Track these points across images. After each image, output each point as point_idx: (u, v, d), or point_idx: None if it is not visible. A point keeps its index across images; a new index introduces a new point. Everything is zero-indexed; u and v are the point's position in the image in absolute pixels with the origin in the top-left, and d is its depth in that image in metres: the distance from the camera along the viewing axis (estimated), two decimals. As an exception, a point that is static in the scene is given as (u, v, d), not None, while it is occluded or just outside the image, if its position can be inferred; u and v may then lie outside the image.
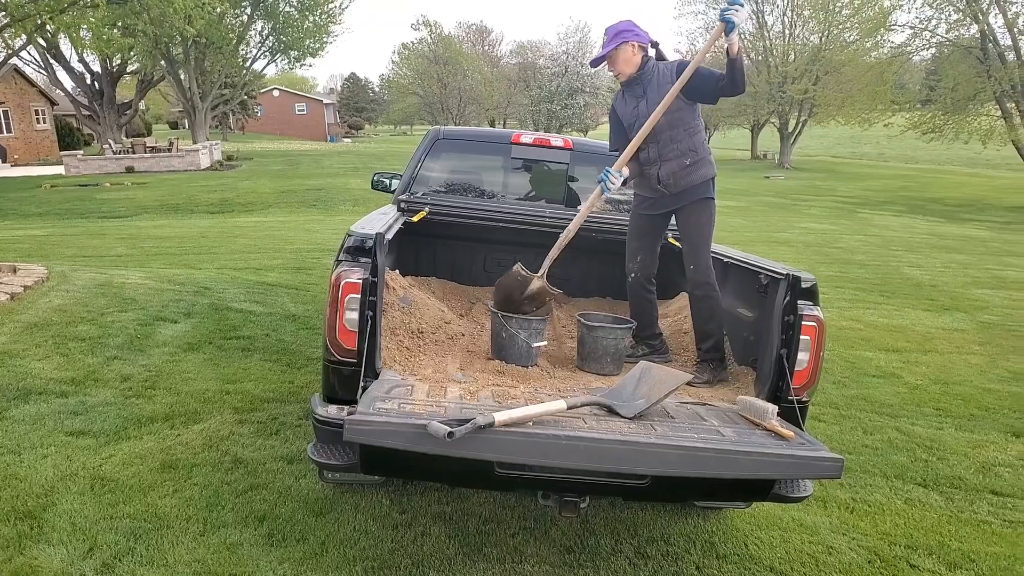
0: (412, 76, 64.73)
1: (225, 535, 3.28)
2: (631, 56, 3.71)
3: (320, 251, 11.00)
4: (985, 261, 12.78)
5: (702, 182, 3.71)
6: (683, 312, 4.28)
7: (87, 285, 7.36)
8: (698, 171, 3.70)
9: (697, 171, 3.70)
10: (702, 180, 3.71)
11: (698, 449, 2.46)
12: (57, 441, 4.08)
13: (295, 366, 5.50)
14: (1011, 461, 4.58)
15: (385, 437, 2.37)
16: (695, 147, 3.70)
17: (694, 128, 3.72)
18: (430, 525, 3.48)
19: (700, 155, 3.71)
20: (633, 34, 3.69)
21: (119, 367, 5.25)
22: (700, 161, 3.70)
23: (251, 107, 57.13)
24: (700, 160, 3.70)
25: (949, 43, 25.26)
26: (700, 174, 3.70)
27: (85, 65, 31.94)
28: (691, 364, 3.81)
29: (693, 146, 3.69)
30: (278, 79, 69.15)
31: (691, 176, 3.70)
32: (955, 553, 3.52)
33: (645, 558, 3.35)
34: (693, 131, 3.71)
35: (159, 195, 20.26)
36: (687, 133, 3.69)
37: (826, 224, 17.80)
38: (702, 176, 3.71)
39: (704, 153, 3.73)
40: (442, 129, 5.19)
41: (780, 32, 41.14)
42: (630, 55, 3.70)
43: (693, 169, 3.69)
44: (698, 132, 3.74)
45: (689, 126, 3.70)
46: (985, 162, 42.61)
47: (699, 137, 3.74)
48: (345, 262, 2.99)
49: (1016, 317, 8.44)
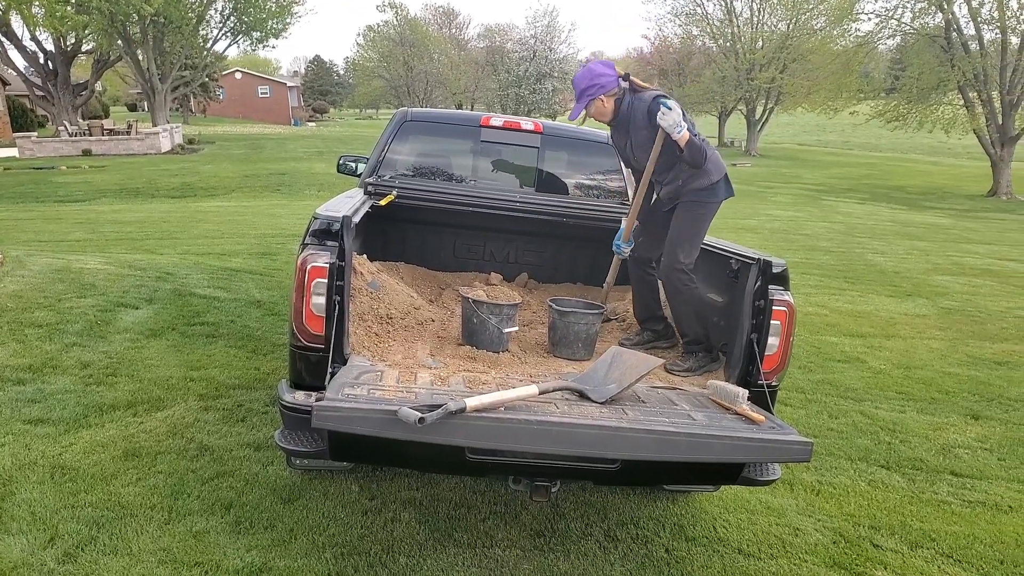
0: (377, 59, 63.87)
1: (191, 523, 3.22)
2: (603, 108, 3.63)
3: (284, 236, 10.84)
4: (946, 248, 13.06)
5: (699, 189, 3.62)
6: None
7: (44, 270, 7.16)
8: (693, 183, 3.61)
9: (692, 183, 3.61)
10: (699, 188, 3.62)
11: (669, 433, 2.46)
12: (15, 430, 3.97)
13: (261, 352, 5.42)
14: (970, 443, 4.69)
15: (354, 423, 2.33)
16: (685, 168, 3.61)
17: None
18: (400, 511, 3.45)
19: (692, 171, 3.60)
20: (598, 87, 3.57)
21: (78, 354, 5.12)
22: (694, 175, 3.60)
23: (213, 89, 55.93)
24: (694, 174, 3.60)
25: (914, 32, 25.58)
26: (696, 184, 3.61)
27: (38, 43, 30.86)
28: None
29: (684, 168, 3.60)
30: (240, 61, 67.86)
31: (686, 187, 3.62)
32: (916, 533, 3.60)
33: (615, 541, 3.37)
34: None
35: (118, 179, 19.79)
36: (676, 158, 3.60)
37: (791, 211, 18.03)
38: (701, 185, 3.61)
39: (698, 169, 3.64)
40: (410, 111, 5.10)
41: (748, 19, 41.35)
42: (601, 107, 3.63)
43: (688, 183, 3.61)
44: None
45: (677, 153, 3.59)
46: (947, 151, 43.50)
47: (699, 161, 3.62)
48: (311, 246, 2.94)
49: (975, 303, 8.65)
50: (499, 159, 5.12)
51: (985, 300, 8.83)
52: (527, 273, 5.11)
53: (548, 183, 5.05)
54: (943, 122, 25.30)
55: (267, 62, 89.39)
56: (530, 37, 60.87)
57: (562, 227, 4.75)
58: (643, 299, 3.94)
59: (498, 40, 68.42)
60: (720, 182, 3.63)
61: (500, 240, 5.11)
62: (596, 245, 4.83)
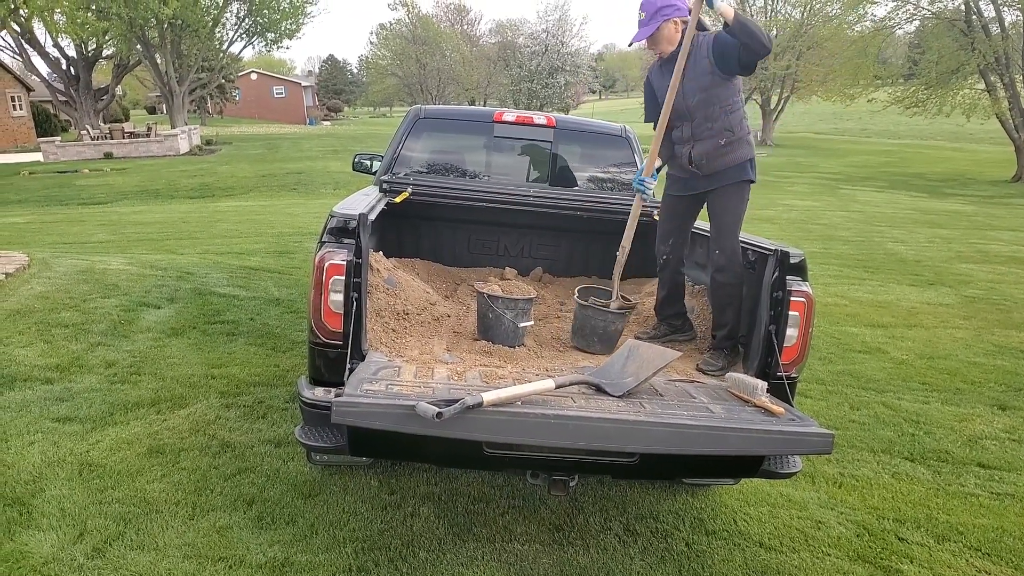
0: (390, 57, 64.15)
1: (214, 519, 3.26)
2: (672, 34, 3.45)
3: (302, 235, 10.91)
4: (969, 235, 12.88)
5: (737, 164, 3.49)
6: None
7: (69, 272, 7.26)
8: (734, 152, 3.48)
9: (733, 152, 3.48)
10: (738, 162, 3.49)
11: (688, 426, 2.45)
12: (44, 428, 4.04)
13: (280, 350, 5.46)
14: (997, 434, 4.63)
15: (373, 418, 2.34)
16: (731, 126, 3.46)
17: (731, 106, 3.48)
18: (419, 505, 3.47)
19: (737, 135, 3.47)
20: (674, 9, 3.40)
21: (103, 353, 5.19)
22: (737, 142, 3.47)
23: (229, 91, 56.36)
24: (737, 140, 3.47)
25: (932, 16, 25.22)
26: (736, 155, 3.48)
27: (60, 50, 31.35)
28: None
29: (729, 125, 3.46)
30: (256, 62, 68.31)
31: (726, 157, 3.48)
32: (943, 526, 3.55)
33: (634, 535, 3.36)
34: (730, 109, 3.47)
35: (138, 180, 20.01)
36: (723, 111, 3.46)
37: (809, 201, 17.86)
38: (738, 158, 3.48)
39: (742, 133, 3.50)
40: (424, 108, 5.11)
41: (762, 7, 40.95)
42: (672, 33, 3.45)
43: (729, 150, 3.47)
44: (736, 110, 3.49)
45: (726, 103, 3.47)
46: (968, 136, 42.81)
47: (736, 115, 3.49)
48: (329, 243, 2.96)
49: (1000, 291, 8.52)
50: (512, 154, 5.12)
51: (1011, 288, 8.69)
52: (542, 267, 5.11)
53: (562, 177, 5.05)
54: (964, 107, 24.91)
55: (282, 63, 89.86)
56: (542, 31, 60.73)
57: (576, 221, 4.74)
58: (671, 297, 3.82)
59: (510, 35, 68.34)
60: (754, 160, 3.53)
61: (514, 235, 5.11)
62: (610, 238, 4.81)
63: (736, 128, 3.48)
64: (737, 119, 3.50)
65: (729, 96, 3.48)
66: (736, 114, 3.50)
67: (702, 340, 3.78)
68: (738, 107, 3.52)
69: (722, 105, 3.47)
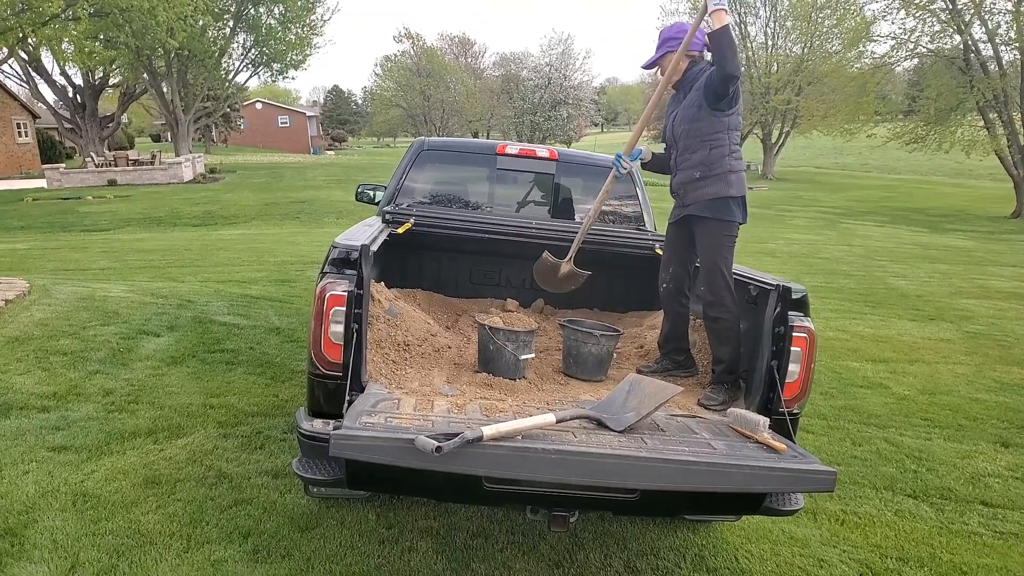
0: (395, 88, 64.87)
1: (209, 551, 3.22)
2: (677, 64, 3.62)
3: (304, 263, 10.93)
4: (969, 271, 12.89)
5: (710, 200, 3.52)
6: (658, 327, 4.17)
7: (69, 299, 7.26)
8: (708, 187, 3.51)
9: (707, 187, 3.51)
10: (710, 198, 3.52)
11: (690, 463, 2.43)
12: (39, 457, 4.01)
13: (279, 379, 5.44)
14: (1000, 472, 4.59)
15: (372, 452, 2.32)
16: (709, 162, 3.50)
17: (714, 141, 3.51)
18: (417, 540, 3.43)
19: (713, 171, 3.50)
20: (678, 42, 3.58)
21: (101, 381, 5.17)
22: (712, 178, 3.50)
23: (234, 120, 56.87)
24: (712, 177, 3.50)
25: (931, 54, 25.52)
26: (709, 191, 3.51)
27: (67, 78, 31.69)
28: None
29: (707, 160, 3.51)
30: (261, 92, 68.99)
31: (699, 191, 3.53)
32: (946, 565, 3.51)
33: (635, 572, 3.32)
34: (713, 144, 3.51)
35: (142, 208, 20.10)
36: (704, 145, 3.52)
37: (810, 235, 17.91)
38: (711, 194, 3.51)
39: (719, 170, 3.50)
40: (427, 140, 5.18)
41: (763, 43, 41.49)
42: (675, 63, 3.62)
43: (702, 184, 3.52)
44: (719, 147, 3.51)
45: (709, 138, 3.51)
46: (968, 172, 43.06)
47: (718, 152, 3.51)
48: (330, 274, 2.96)
49: (1002, 327, 8.50)
50: (515, 186, 5.15)
51: (1012, 324, 8.67)
52: (543, 299, 5.10)
53: (563, 209, 5.07)
54: (963, 143, 25.11)
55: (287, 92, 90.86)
56: (545, 65, 61.47)
57: (578, 253, 4.74)
58: (674, 329, 3.83)
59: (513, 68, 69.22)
60: (738, 199, 3.54)
61: (516, 266, 5.11)
62: (613, 270, 4.82)
63: (713, 164, 3.51)
64: (718, 155, 3.51)
65: (714, 131, 3.52)
66: (718, 151, 3.51)
67: (704, 375, 3.76)
68: (722, 144, 3.52)
69: (704, 138, 3.53)
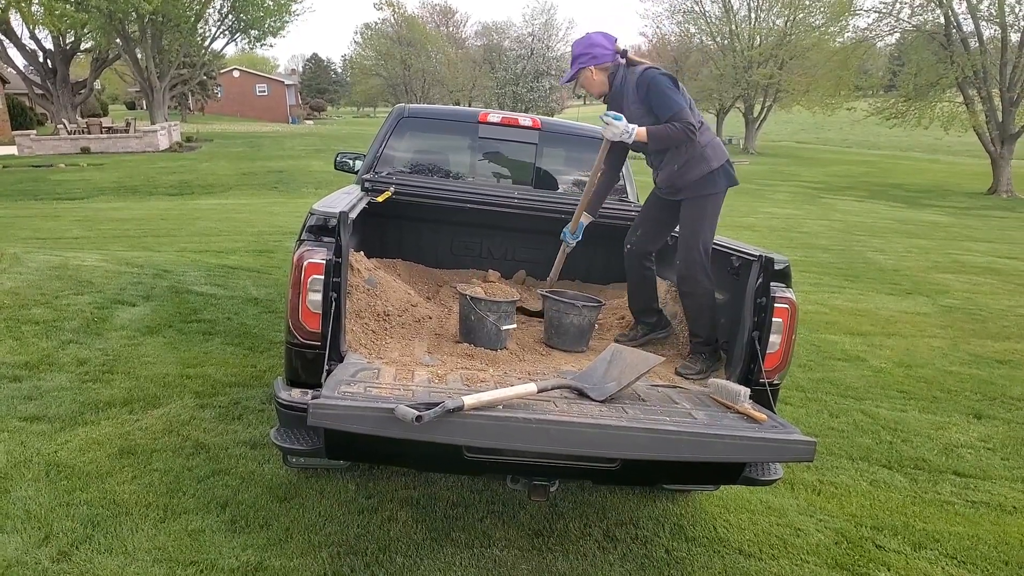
0: (375, 57, 63.87)
1: (186, 521, 3.19)
2: (591, 79, 3.61)
3: (282, 234, 10.81)
4: (946, 246, 13.03)
5: (695, 181, 3.51)
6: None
7: (41, 267, 7.12)
8: (690, 172, 3.50)
9: (689, 172, 3.50)
10: (695, 179, 3.51)
11: (670, 432, 2.42)
12: (10, 427, 3.94)
13: (257, 350, 5.38)
14: (973, 443, 4.66)
15: (351, 421, 2.29)
16: (680, 151, 3.50)
17: None
18: (397, 510, 3.42)
19: (689, 156, 3.49)
20: (589, 57, 3.55)
21: (75, 351, 5.09)
22: (690, 161, 3.49)
23: (211, 88, 55.87)
24: (690, 160, 3.49)
25: (913, 29, 25.51)
26: (693, 174, 3.50)
27: (37, 42, 30.87)
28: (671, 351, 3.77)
29: (678, 151, 3.50)
30: (238, 59, 67.75)
31: (684, 179, 3.52)
32: (919, 533, 3.57)
33: (614, 541, 3.34)
34: None
35: (116, 177, 19.75)
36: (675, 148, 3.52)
37: (790, 209, 18.00)
38: (696, 175, 3.50)
39: (694, 152, 3.49)
40: (408, 107, 5.06)
41: (746, 16, 41.34)
42: (590, 79, 3.61)
43: (686, 171, 3.51)
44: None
45: None
46: (947, 148, 43.43)
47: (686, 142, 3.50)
48: (308, 242, 2.90)
49: (976, 301, 8.62)
50: (497, 155, 5.08)
51: (986, 298, 8.80)
52: (524, 270, 5.07)
53: (546, 179, 5.02)
54: (942, 119, 25.23)
55: (265, 60, 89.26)
56: (527, 35, 60.96)
57: (560, 224, 4.71)
58: (640, 292, 3.86)
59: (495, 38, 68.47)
60: (719, 170, 3.52)
61: (498, 237, 5.06)
62: (594, 242, 4.79)
63: (688, 150, 3.49)
64: (686, 144, 3.49)
65: None
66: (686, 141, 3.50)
67: (684, 345, 3.76)
68: None
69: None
